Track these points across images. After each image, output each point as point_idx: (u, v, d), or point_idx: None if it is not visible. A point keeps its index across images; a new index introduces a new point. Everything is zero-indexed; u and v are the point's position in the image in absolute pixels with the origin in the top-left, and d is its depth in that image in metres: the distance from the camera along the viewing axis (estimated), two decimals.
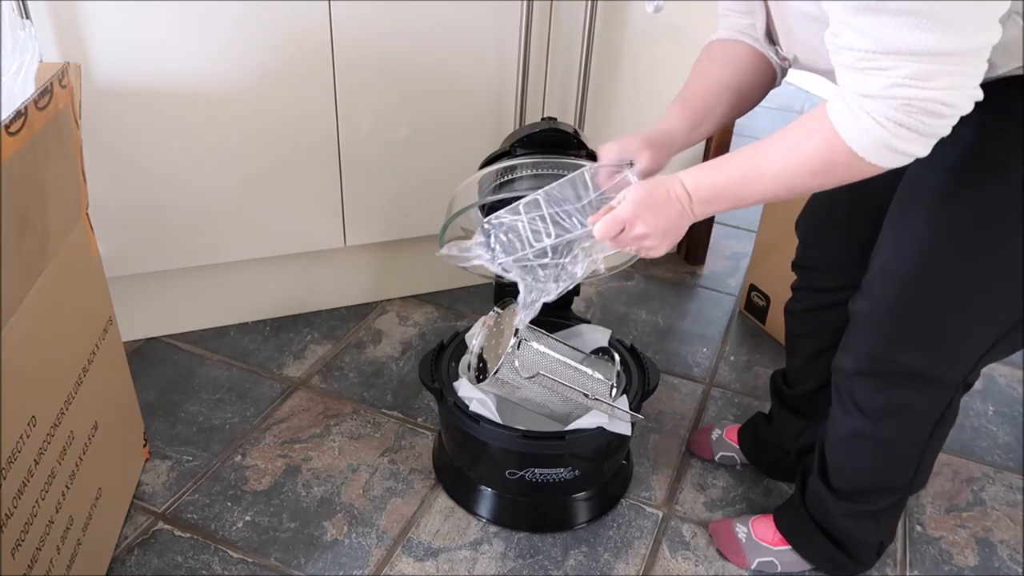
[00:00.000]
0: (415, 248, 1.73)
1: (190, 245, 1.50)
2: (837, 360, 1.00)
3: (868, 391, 0.97)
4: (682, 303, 1.85)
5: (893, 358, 0.93)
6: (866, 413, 0.98)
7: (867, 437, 1.00)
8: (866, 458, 1.03)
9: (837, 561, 1.13)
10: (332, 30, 1.37)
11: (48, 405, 0.94)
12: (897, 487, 1.06)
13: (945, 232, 0.86)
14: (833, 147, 0.74)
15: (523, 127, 1.22)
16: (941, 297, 0.88)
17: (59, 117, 0.94)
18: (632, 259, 1.29)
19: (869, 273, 0.95)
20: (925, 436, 1.00)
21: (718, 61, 0.98)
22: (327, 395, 1.50)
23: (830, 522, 1.11)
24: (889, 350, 0.93)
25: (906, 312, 0.90)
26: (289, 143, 1.45)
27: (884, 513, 1.09)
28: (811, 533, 1.13)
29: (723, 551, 1.21)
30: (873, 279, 0.93)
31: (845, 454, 1.05)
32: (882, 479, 1.05)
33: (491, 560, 1.20)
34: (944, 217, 0.86)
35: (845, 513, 1.08)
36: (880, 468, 1.04)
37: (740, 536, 1.19)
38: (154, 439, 1.37)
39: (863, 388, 0.97)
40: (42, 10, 1.19)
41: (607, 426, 1.14)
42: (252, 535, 1.21)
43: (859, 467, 1.05)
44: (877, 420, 0.98)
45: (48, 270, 0.93)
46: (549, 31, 1.52)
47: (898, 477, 1.05)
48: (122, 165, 1.36)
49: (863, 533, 1.11)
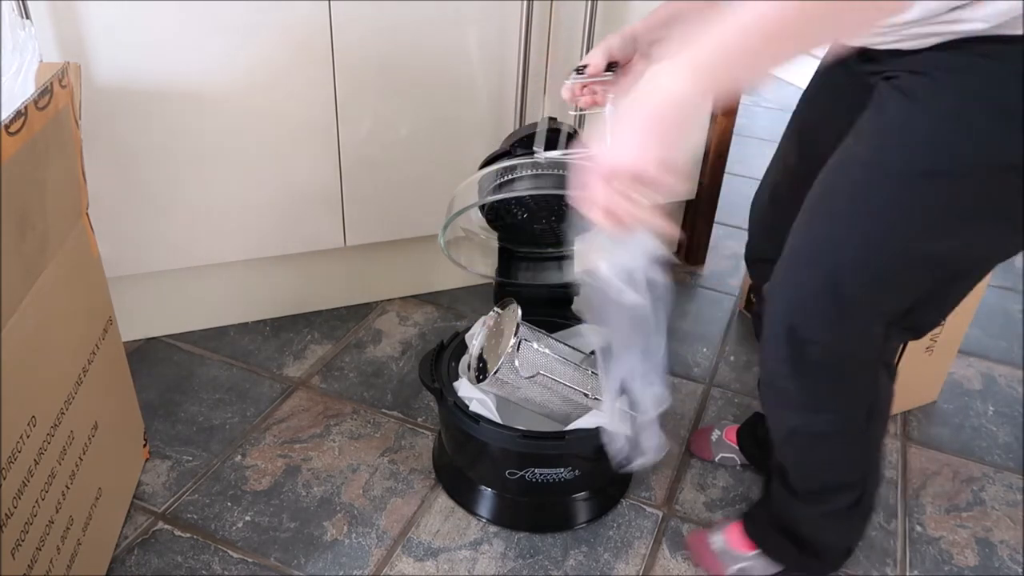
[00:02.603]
0: (415, 248, 1.74)
1: (190, 245, 1.50)
2: (760, 358, 0.97)
3: (791, 383, 0.94)
4: (682, 303, 1.85)
5: (803, 336, 0.89)
6: (796, 408, 0.96)
7: (804, 434, 0.98)
8: (811, 456, 1.01)
9: (806, 564, 1.11)
10: (332, 30, 1.37)
11: (48, 405, 0.94)
12: (851, 483, 1.03)
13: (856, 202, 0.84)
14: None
15: (523, 127, 1.22)
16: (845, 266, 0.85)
17: (59, 117, 0.94)
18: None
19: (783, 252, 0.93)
20: (862, 425, 0.97)
21: None
22: (327, 395, 1.50)
23: (795, 525, 1.08)
24: (794, 320, 0.89)
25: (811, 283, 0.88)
26: (289, 143, 1.46)
27: (847, 514, 1.06)
28: (778, 537, 1.11)
29: (699, 563, 1.19)
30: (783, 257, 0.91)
31: (792, 455, 1.03)
32: (833, 476, 1.03)
33: (491, 560, 1.20)
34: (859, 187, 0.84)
35: (807, 516, 1.06)
36: (828, 464, 1.02)
37: (715, 546, 1.17)
38: (154, 439, 1.37)
39: (790, 379, 0.94)
40: (42, 10, 1.19)
41: (607, 426, 1.14)
42: (252, 535, 1.21)
43: (808, 466, 1.03)
44: (808, 414, 0.96)
45: (48, 270, 0.93)
46: (549, 31, 1.52)
47: (848, 472, 1.02)
48: (122, 165, 1.36)
49: (828, 535, 1.09)
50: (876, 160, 0.82)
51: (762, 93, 3.21)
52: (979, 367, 1.69)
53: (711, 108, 1.76)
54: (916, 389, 1.53)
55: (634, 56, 1.00)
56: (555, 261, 1.37)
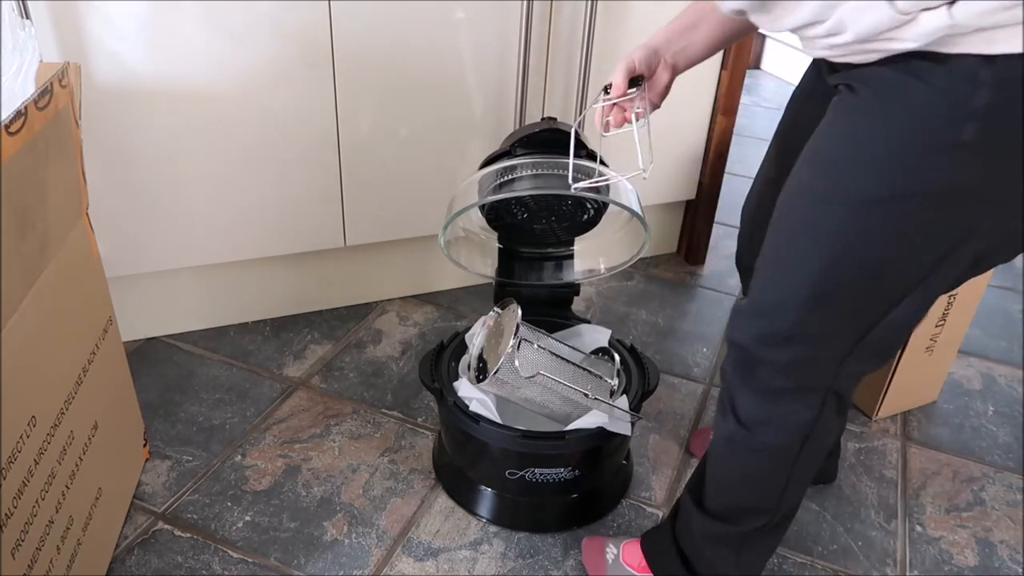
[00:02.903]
0: (415, 248, 1.74)
1: (190, 245, 1.50)
2: (722, 365, 0.97)
3: (742, 395, 0.94)
4: (682, 303, 1.85)
5: (761, 355, 0.90)
6: (739, 418, 0.95)
7: (738, 444, 0.96)
8: (736, 469, 0.99)
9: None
10: (332, 30, 1.37)
11: (48, 405, 0.94)
12: (763, 508, 1.00)
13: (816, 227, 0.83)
14: None
15: (523, 127, 1.22)
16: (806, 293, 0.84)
17: (59, 117, 0.94)
18: (632, 258, 1.29)
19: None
20: (795, 450, 0.94)
21: None
22: (327, 395, 1.50)
23: (692, 547, 1.05)
24: (758, 346, 0.90)
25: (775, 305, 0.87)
26: (289, 143, 1.46)
27: (748, 543, 1.03)
28: (672, 559, 1.07)
29: (587, 568, 1.17)
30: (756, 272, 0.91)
31: (718, 463, 1.01)
32: (749, 495, 1.00)
33: (491, 560, 1.20)
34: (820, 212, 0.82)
35: (708, 535, 1.03)
36: (748, 482, 0.99)
37: (608, 557, 1.15)
38: (154, 439, 1.37)
39: (738, 392, 0.94)
40: (42, 10, 1.19)
41: (607, 426, 1.14)
42: (252, 535, 1.21)
43: (729, 478, 1.00)
44: (749, 426, 0.94)
45: (48, 270, 0.93)
46: (549, 31, 1.52)
47: (764, 496, 0.99)
48: (122, 165, 1.36)
49: (722, 563, 1.04)
50: (818, 187, 0.82)
51: (762, 93, 3.21)
52: (979, 367, 1.69)
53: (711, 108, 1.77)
54: (916, 389, 1.53)
55: (658, 68, 1.00)
56: (555, 261, 1.37)
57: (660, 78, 1.00)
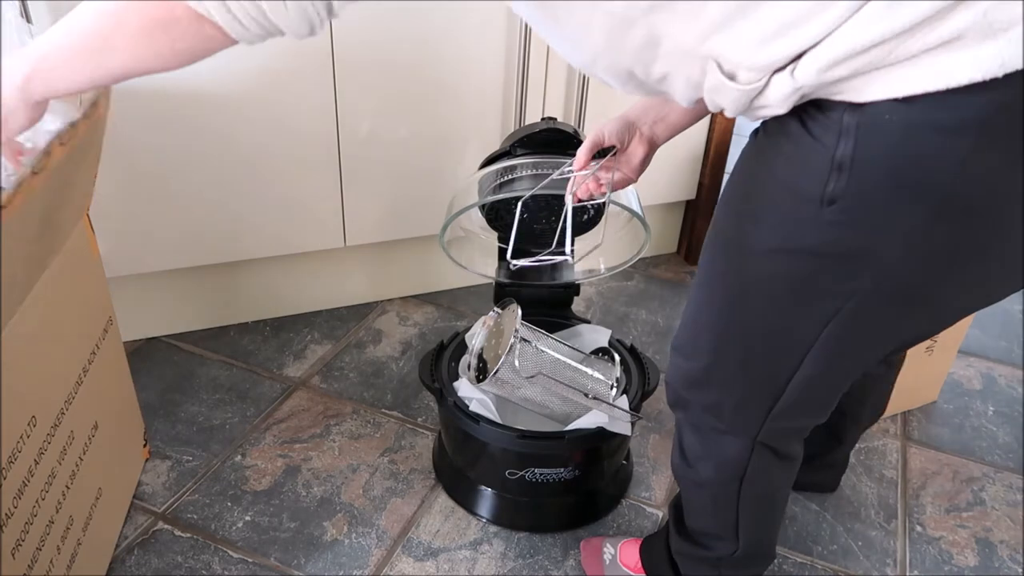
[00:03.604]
0: (415, 248, 1.74)
1: (190, 245, 1.50)
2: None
3: (685, 429, 0.94)
4: (682, 303, 1.85)
5: (685, 395, 0.90)
6: (683, 452, 0.95)
7: (684, 477, 0.96)
8: (691, 498, 0.99)
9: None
10: (332, 30, 1.37)
11: (48, 405, 0.94)
12: (726, 537, 0.98)
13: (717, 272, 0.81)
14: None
15: (523, 127, 1.22)
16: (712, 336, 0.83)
17: (98, 124, 0.94)
18: (632, 259, 1.29)
19: None
20: (734, 490, 0.93)
21: None
22: (327, 395, 1.50)
23: (679, 560, 1.06)
24: (682, 385, 0.89)
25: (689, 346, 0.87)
26: (289, 143, 1.46)
27: (724, 564, 1.01)
28: (662, 564, 1.08)
29: (585, 568, 1.18)
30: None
31: (681, 489, 1.01)
32: (707, 524, 0.99)
33: (491, 560, 1.20)
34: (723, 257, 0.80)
35: (681, 551, 1.04)
36: (702, 512, 0.99)
37: (605, 557, 1.16)
38: (154, 439, 1.37)
39: (680, 424, 0.94)
40: (42, 10, 1.19)
41: (607, 426, 1.14)
42: (252, 535, 1.21)
43: (689, 505, 1.01)
44: (690, 463, 0.94)
45: (48, 270, 0.93)
46: None
47: (722, 527, 0.98)
48: (123, 165, 1.36)
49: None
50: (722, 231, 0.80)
51: None
52: (979, 367, 1.69)
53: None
54: (916, 389, 1.53)
55: (632, 141, 0.96)
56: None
57: (635, 152, 0.97)
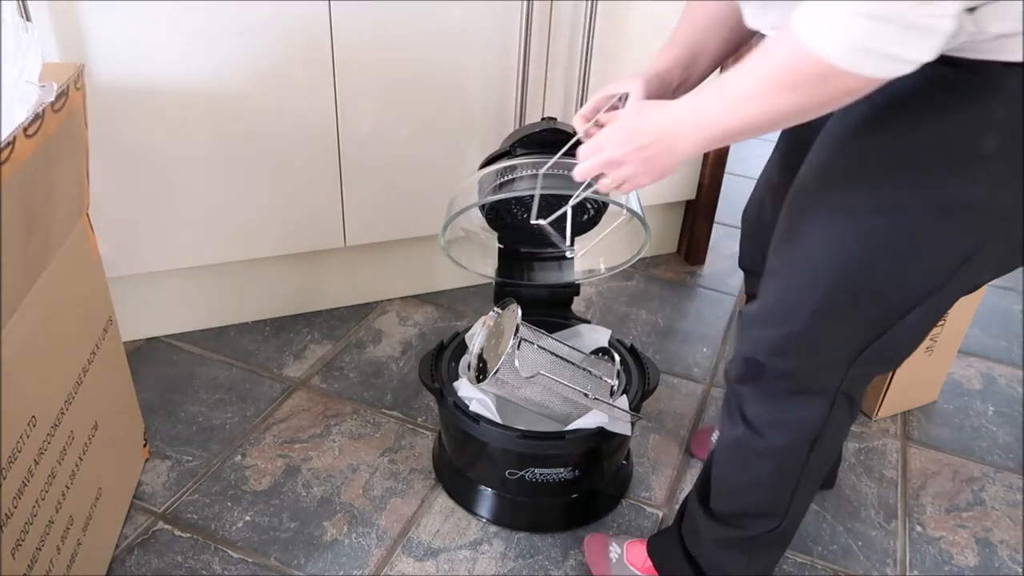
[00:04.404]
0: (415, 248, 1.74)
1: (190, 245, 1.50)
2: (726, 367, 0.97)
3: (750, 399, 0.93)
4: (682, 303, 1.85)
5: (768, 362, 0.89)
6: (748, 423, 0.94)
7: (747, 449, 0.95)
8: (745, 473, 0.98)
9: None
10: (332, 30, 1.37)
11: (48, 405, 0.94)
12: (773, 512, 0.99)
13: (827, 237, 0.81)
14: (799, 56, 0.64)
15: (523, 127, 1.22)
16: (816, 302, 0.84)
17: (72, 119, 0.94)
18: (632, 259, 1.29)
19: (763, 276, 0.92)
20: (804, 454, 0.94)
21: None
22: (327, 395, 1.50)
23: (700, 551, 1.04)
24: (765, 353, 0.89)
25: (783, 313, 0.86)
26: (289, 143, 1.46)
27: (758, 546, 1.01)
28: (680, 563, 1.06)
29: (590, 565, 1.17)
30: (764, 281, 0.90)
31: (726, 467, 1.00)
32: (758, 500, 0.99)
33: (491, 560, 1.20)
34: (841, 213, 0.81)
35: (717, 538, 1.02)
36: (757, 486, 0.98)
37: (611, 556, 1.15)
38: (154, 439, 1.37)
39: (745, 395, 0.94)
40: (42, 10, 1.19)
41: (607, 426, 1.14)
42: (252, 535, 1.21)
43: (737, 483, 1.00)
44: (757, 431, 0.94)
45: (48, 270, 0.93)
46: (549, 31, 1.52)
47: (774, 501, 0.98)
48: (122, 165, 1.36)
49: (732, 566, 1.03)
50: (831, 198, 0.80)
51: None
52: (979, 367, 1.69)
53: None
54: (916, 389, 1.53)
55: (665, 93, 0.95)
56: (555, 261, 1.37)
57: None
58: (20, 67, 0.92)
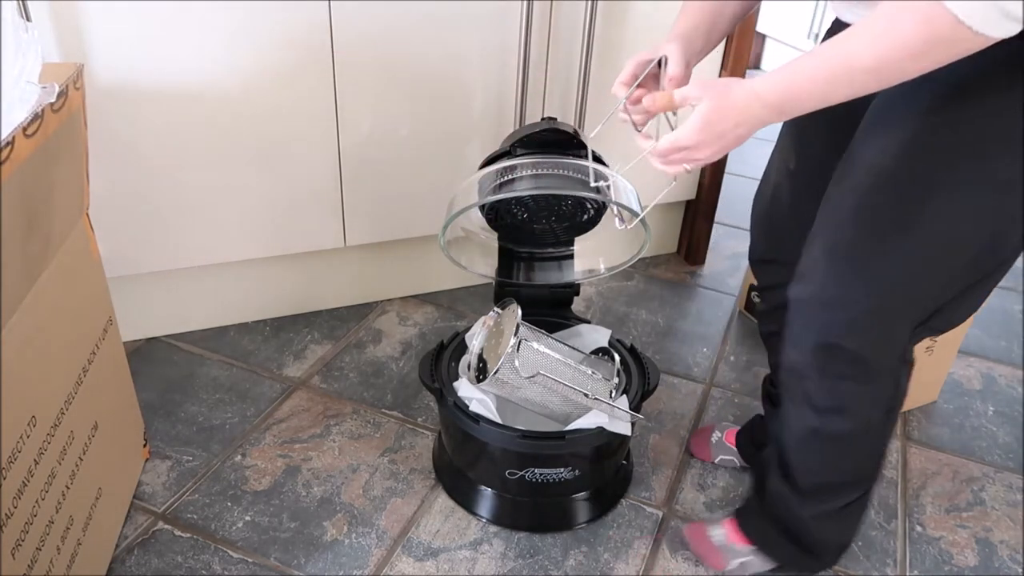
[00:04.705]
0: (415, 248, 1.74)
1: (190, 245, 1.50)
2: (784, 356, 0.98)
3: (817, 386, 0.95)
4: (682, 303, 1.85)
5: (837, 344, 0.91)
6: (819, 409, 0.96)
7: (822, 434, 0.98)
8: (826, 455, 1.01)
9: (801, 561, 1.12)
10: (332, 30, 1.37)
11: (48, 405, 0.94)
12: (861, 480, 1.04)
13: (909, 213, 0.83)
14: (933, 19, 0.65)
15: (523, 127, 1.22)
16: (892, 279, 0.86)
17: (72, 119, 0.94)
18: (633, 259, 1.29)
19: (806, 257, 0.92)
20: (881, 425, 0.99)
21: None
22: (327, 395, 1.50)
23: (795, 523, 1.08)
24: (832, 336, 0.91)
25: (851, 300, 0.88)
26: (289, 143, 1.46)
27: (848, 511, 1.07)
28: (774, 535, 1.11)
29: (699, 554, 1.19)
30: (813, 262, 0.91)
31: (805, 454, 1.03)
32: (845, 474, 1.03)
33: (491, 560, 1.20)
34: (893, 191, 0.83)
35: (812, 514, 1.06)
36: (841, 463, 1.02)
37: (715, 540, 1.17)
38: (154, 439, 1.37)
39: (812, 383, 0.95)
40: (42, 10, 1.19)
41: (607, 426, 1.14)
42: (252, 535, 1.21)
43: (821, 465, 1.03)
44: (831, 415, 0.96)
45: (48, 270, 0.93)
46: (549, 31, 1.52)
47: (861, 471, 1.03)
48: (122, 165, 1.36)
49: (828, 533, 1.09)
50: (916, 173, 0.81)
51: None
52: (979, 367, 1.69)
53: None
54: (916, 389, 1.53)
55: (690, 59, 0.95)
56: (555, 261, 1.37)
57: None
58: (20, 67, 0.92)
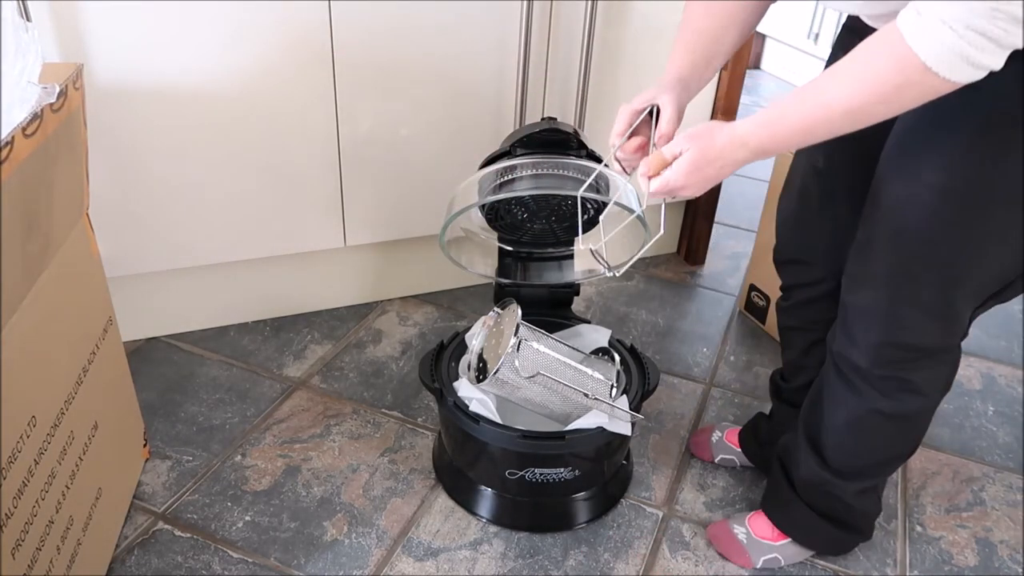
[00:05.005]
0: (415, 248, 1.74)
1: (190, 245, 1.50)
2: (845, 351, 1.00)
3: (884, 377, 0.98)
4: (682, 303, 1.85)
5: (904, 342, 0.94)
6: (885, 394, 0.99)
7: (884, 415, 1.01)
8: (880, 435, 1.05)
9: (839, 541, 1.17)
10: (332, 30, 1.37)
11: (48, 405, 0.94)
12: (904, 455, 1.10)
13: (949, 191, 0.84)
14: (905, 65, 0.69)
15: (523, 127, 1.22)
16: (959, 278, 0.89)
17: (71, 119, 0.94)
18: (633, 259, 1.29)
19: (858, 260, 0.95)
20: (936, 403, 1.03)
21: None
22: (327, 395, 1.50)
23: (836, 504, 1.12)
24: (895, 336, 0.94)
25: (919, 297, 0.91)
26: (289, 143, 1.46)
27: (883, 482, 1.15)
28: (812, 521, 1.14)
29: (725, 554, 1.21)
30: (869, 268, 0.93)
31: (856, 436, 1.05)
32: (891, 452, 1.08)
33: (491, 560, 1.20)
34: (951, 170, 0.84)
35: (856, 491, 1.11)
36: (892, 442, 1.06)
37: (740, 537, 1.19)
38: (154, 439, 1.37)
39: (878, 376, 0.98)
40: (42, 10, 1.19)
41: (607, 426, 1.14)
42: (252, 535, 1.21)
43: (871, 445, 1.06)
44: (896, 398, 0.99)
45: (48, 270, 0.93)
46: (549, 31, 1.52)
47: (910, 444, 1.08)
48: (122, 165, 1.36)
49: (869, 505, 1.15)
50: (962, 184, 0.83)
51: (762, 93, 3.20)
52: (979, 367, 1.69)
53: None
54: None
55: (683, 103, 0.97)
56: (555, 261, 1.37)
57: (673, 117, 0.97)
58: (20, 67, 0.92)
